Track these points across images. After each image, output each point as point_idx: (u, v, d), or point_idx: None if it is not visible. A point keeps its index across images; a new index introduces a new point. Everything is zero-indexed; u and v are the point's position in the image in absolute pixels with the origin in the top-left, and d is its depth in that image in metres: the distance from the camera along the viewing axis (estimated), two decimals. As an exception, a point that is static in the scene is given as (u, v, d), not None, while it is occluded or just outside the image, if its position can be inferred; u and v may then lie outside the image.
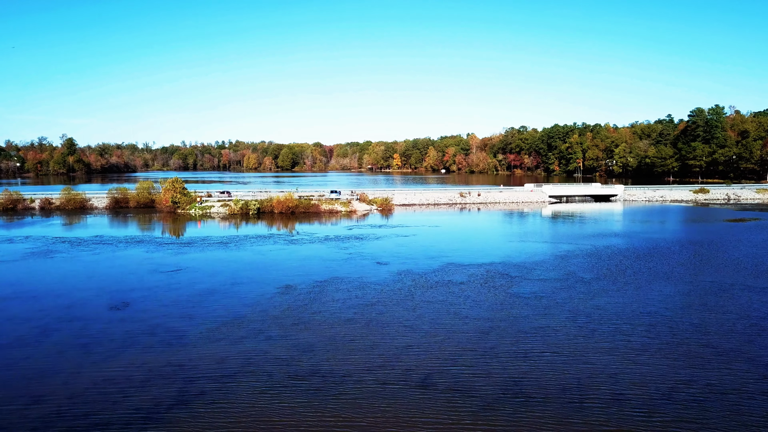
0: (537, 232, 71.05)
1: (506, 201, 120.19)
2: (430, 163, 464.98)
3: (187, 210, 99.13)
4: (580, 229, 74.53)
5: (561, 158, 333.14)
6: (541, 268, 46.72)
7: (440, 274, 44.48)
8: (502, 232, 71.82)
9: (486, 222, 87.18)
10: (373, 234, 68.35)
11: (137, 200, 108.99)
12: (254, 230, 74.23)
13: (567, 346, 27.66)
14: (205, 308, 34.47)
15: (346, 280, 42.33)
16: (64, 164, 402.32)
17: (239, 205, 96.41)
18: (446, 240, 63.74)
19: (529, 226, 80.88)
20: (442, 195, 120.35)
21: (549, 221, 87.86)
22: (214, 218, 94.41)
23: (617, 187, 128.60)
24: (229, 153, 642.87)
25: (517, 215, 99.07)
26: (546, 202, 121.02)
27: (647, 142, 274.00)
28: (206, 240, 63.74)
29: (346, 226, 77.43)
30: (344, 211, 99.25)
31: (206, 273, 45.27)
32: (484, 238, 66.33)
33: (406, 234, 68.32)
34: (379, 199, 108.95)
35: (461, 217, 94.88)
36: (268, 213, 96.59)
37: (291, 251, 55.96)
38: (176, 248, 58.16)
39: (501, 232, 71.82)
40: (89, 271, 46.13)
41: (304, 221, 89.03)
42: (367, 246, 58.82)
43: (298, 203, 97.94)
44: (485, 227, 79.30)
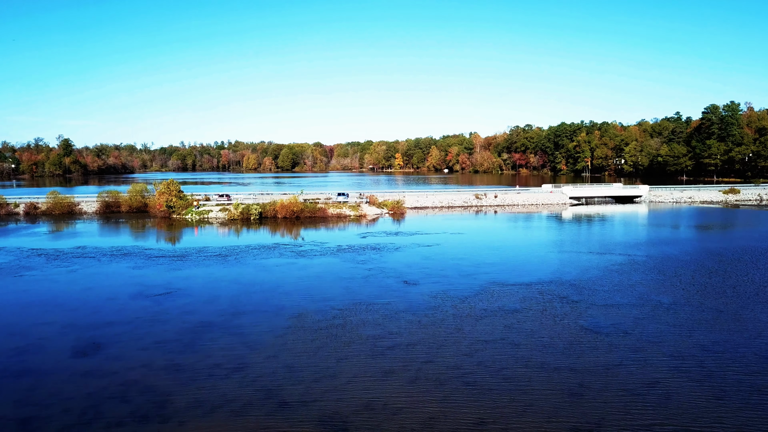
0: (574, 240, 63.23)
1: (525, 203, 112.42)
2: (433, 163, 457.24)
3: (183, 215, 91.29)
4: (620, 236, 66.72)
5: (568, 157, 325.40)
6: (603, 289, 38.89)
7: (485, 298, 36.65)
8: (535, 240, 63.99)
9: (511, 227, 79.34)
10: (390, 243, 60.52)
11: (130, 204, 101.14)
12: (257, 238, 66.43)
13: (693, 414, 19.87)
14: (197, 353, 26.66)
15: (371, 307, 34.51)
16: (60, 165, 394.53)
17: (239, 209, 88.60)
18: (476, 250, 55.92)
19: (561, 232, 73.04)
20: (456, 197, 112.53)
21: (579, 226, 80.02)
22: (212, 224, 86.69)
23: (642, 188, 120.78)
24: (228, 153, 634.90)
25: (541, 219, 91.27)
26: (567, 204, 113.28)
27: (659, 140, 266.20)
28: (203, 252, 55.91)
29: (359, 233, 69.60)
30: (353, 216, 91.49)
31: (201, 297, 37.43)
32: (517, 247, 58.51)
33: (428, 243, 60.49)
34: (390, 202, 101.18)
35: (481, 222, 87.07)
36: (271, 218, 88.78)
37: (300, 266, 48.13)
38: (168, 263, 50.32)
39: (534, 240, 64.00)
40: (60, 297, 38.26)
41: (310, 227, 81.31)
42: (387, 259, 50.99)
43: (303, 207, 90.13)
44: (513, 234, 71.46)
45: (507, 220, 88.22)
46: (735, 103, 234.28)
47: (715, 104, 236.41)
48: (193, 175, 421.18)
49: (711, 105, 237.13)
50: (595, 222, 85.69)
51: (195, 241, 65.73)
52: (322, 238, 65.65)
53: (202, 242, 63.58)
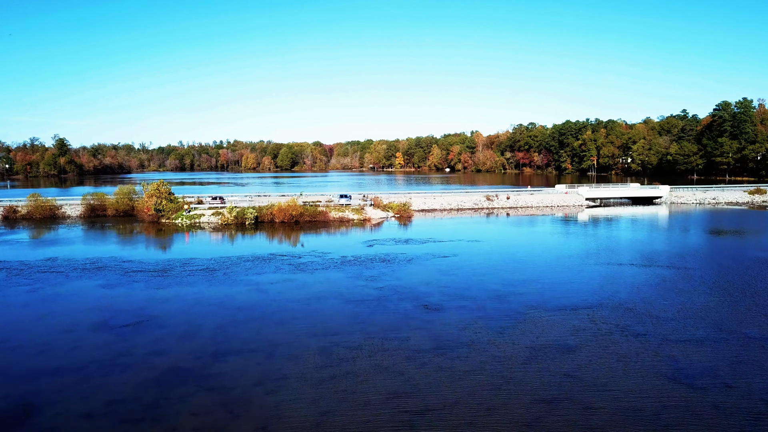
0: (607, 248, 56.19)
1: (539, 205, 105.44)
2: (434, 162, 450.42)
3: (173, 219, 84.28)
4: (657, 243, 59.77)
5: (574, 156, 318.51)
6: (668, 316, 31.93)
7: (527, 329, 29.69)
8: (563, 249, 56.97)
9: (531, 233, 72.31)
10: (400, 253, 53.54)
11: (116, 208, 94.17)
12: (251, 247, 59.46)
13: None
14: (159, 423, 19.68)
15: (387, 344, 27.57)
16: (55, 166, 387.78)
17: (234, 213, 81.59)
18: (500, 262, 48.95)
19: (588, 238, 66.03)
20: (465, 198, 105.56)
21: (605, 231, 73.01)
22: (204, 229, 79.79)
23: (662, 189, 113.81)
24: (227, 153, 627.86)
25: (559, 222, 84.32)
26: (583, 206, 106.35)
27: (667, 139, 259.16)
28: (188, 264, 48.92)
29: (364, 241, 62.62)
30: (357, 220, 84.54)
31: (177, 329, 30.47)
32: (546, 258, 51.51)
33: (443, 253, 53.52)
34: (396, 205, 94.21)
35: (496, 226, 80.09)
36: (268, 222, 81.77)
37: (299, 284, 41.15)
38: (146, 279, 43.34)
39: (561, 249, 56.98)
40: (4, 329, 31.26)
41: (310, 232, 74.44)
42: (399, 274, 44.02)
43: (302, 211, 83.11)
44: (535, 241, 64.43)
45: (523, 225, 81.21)
46: (748, 99, 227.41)
47: (726, 101, 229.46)
48: (191, 175, 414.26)
49: (722, 102, 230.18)
50: (620, 226, 78.69)
51: (182, 250, 58.72)
52: (323, 246, 58.67)
53: (189, 252, 56.56)
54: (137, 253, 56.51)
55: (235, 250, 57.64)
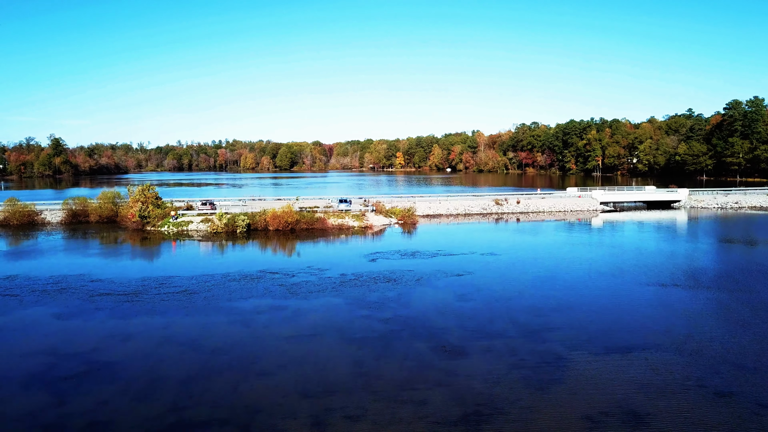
0: (642, 263, 49.72)
1: (551, 210, 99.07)
2: (435, 162, 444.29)
3: (159, 227, 77.88)
4: (697, 258, 53.35)
5: (578, 156, 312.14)
6: (747, 363, 25.60)
7: (577, 387, 23.31)
8: (591, 264, 50.51)
9: (549, 243, 65.85)
10: (407, 270, 47.20)
11: (99, 213, 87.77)
12: (239, 261, 53.11)
13: None
14: None
15: (399, 410, 21.20)
16: (50, 166, 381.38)
17: (224, 220, 75.19)
18: (524, 283, 42.53)
19: (614, 249, 59.56)
20: (473, 203, 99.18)
21: (632, 240, 66.58)
22: (192, 237, 73.56)
23: (680, 192, 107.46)
24: (225, 153, 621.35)
25: (576, 229, 77.98)
26: (597, 211, 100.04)
27: (675, 138, 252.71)
28: (165, 285, 42.56)
29: (366, 254, 56.21)
30: (357, 227, 78.19)
31: (132, 386, 24.06)
32: (575, 276, 45.13)
33: (456, 269, 47.16)
34: (399, 210, 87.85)
35: (509, 234, 73.71)
36: (261, 230, 75.45)
37: (290, 314, 34.76)
38: (112, 306, 36.98)
39: (589, 264, 50.52)
40: None
41: (307, 240, 68.32)
42: (408, 300, 37.65)
43: (298, 217, 76.70)
44: (557, 253, 57.91)
45: (539, 232, 74.80)
46: (759, 98, 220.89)
47: (737, 100, 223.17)
48: (189, 176, 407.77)
49: (733, 101, 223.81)
50: (645, 234, 72.32)
51: (162, 266, 52.31)
52: (320, 260, 52.30)
53: (169, 268, 50.16)
54: (111, 269, 50.07)
55: (221, 265, 51.23)
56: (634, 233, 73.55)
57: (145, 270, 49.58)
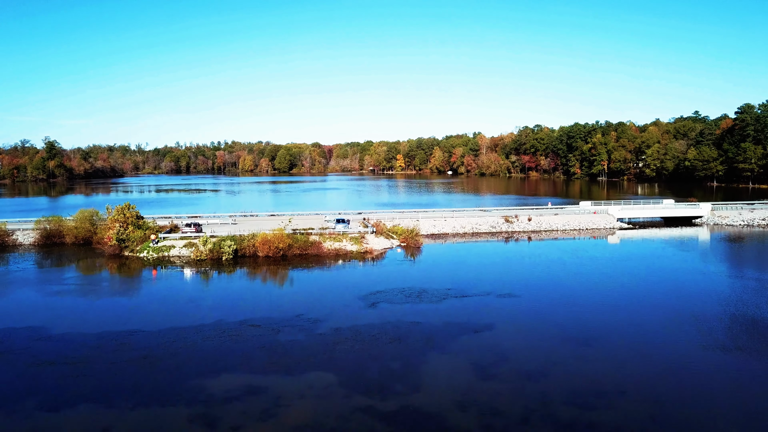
0: (688, 312, 42.52)
1: (565, 228, 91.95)
2: (436, 165, 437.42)
3: (137, 252, 70.73)
4: (762, 300, 46.27)
5: (583, 160, 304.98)
6: None
7: None
8: (627, 312, 43.40)
9: (571, 275, 58.65)
10: (413, 322, 40.13)
11: (75, 234, 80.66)
12: (219, 304, 46.07)
13: None
14: None
15: None
16: (44, 170, 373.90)
17: (208, 245, 68.05)
18: (557, 346, 35.39)
19: (649, 287, 52.41)
20: (481, 221, 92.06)
21: (664, 271, 59.47)
22: (175, 263, 66.69)
23: (703, 207, 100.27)
24: (224, 155, 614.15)
25: (597, 254, 70.76)
26: (614, 228, 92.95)
27: (684, 143, 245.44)
28: (124, 347, 35.47)
29: (365, 293, 49.07)
30: (356, 251, 71.13)
31: None
32: (615, 334, 38.02)
33: (472, 322, 40.04)
34: (401, 229, 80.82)
35: (524, 264, 66.50)
36: (250, 256, 68.36)
37: (268, 403, 27.58)
38: (49, 385, 29.89)
39: (626, 312, 43.41)
40: None
41: (301, 267, 61.91)
42: (418, 376, 30.50)
43: (291, 242, 69.51)
44: (593, 292, 50.69)
45: (555, 260, 67.65)
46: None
47: (749, 103, 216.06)
48: (186, 179, 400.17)
49: (745, 104, 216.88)
50: (675, 261, 65.20)
51: (126, 313, 45.14)
52: (311, 304, 45.22)
53: (134, 317, 43.04)
54: (67, 318, 42.91)
55: (197, 311, 44.07)
56: (663, 261, 66.29)
57: (107, 319, 42.37)
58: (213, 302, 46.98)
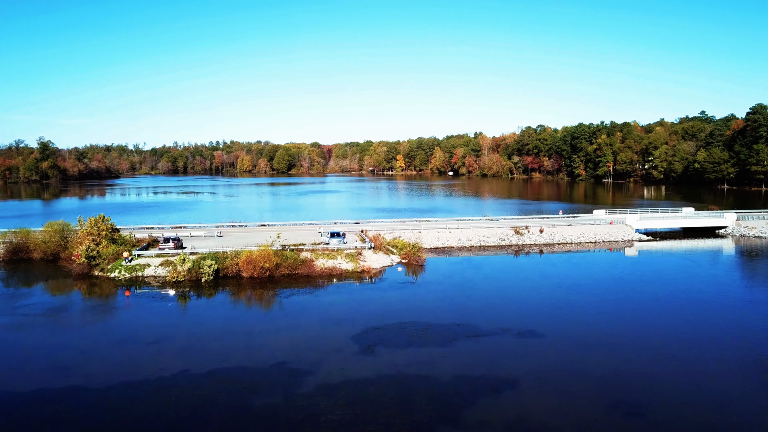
0: (749, 359, 35.47)
1: (579, 240, 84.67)
2: (437, 165, 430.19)
3: (108, 272, 63.46)
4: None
5: (587, 161, 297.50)
6: None
7: None
8: (674, 359, 36.21)
9: (595, 300, 51.42)
10: (418, 376, 32.95)
11: (44, 249, 73.46)
12: (190, 338, 38.95)
13: None
14: None
15: None
16: (37, 171, 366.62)
17: (187, 265, 60.77)
18: (597, 411, 28.24)
19: (710, 315, 45.20)
20: (489, 232, 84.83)
21: (702, 291, 52.27)
22: (150, 284, 59.71)
23: (727, 216, 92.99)
24: (222, 155, 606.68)
25: (618, 271, 63.41)
26: (633, 241, 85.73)
27: (693, 144, 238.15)
28: (65, 401, 28.29)
29: (359, 331, 41.88)
30: (351, 270, 63.92)
31: None
32: (665, 400, 30.86)
33: (491, 378, 32.86)
34: (402, 244, 73.62)
35: (540, 286, 59.11)
36: (233, 277, 61.17)
37: None
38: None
39: (674, 360, 36.20)
40: None
41: (289, 289, 55.31)
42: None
43: (279, 261, 62.22)
44: (616, 328, 43.59)
45: (574, 279, 60.41)
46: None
47: (761, 103, 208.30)
48: (182, 180, 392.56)
49: (757, 105, 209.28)
50: (717, 280, 57.99)
51: (70, 358, 37.90)
52: (294, 348, 38.05)
53: (81, 363, 35.82)
54: (2, 368, 35.66)
55: (158, 357, 36.81)
56: (701, 284, 58.97)
57: (45, 369, 35.07)
58: (180, 344, 39.65)
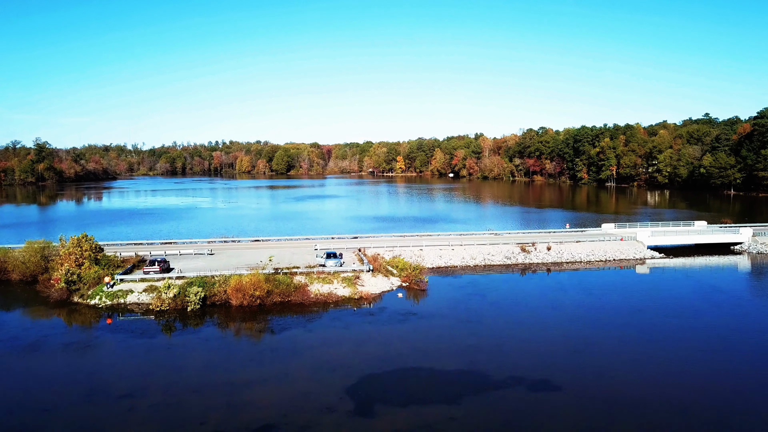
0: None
1: (588, 258, 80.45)
2: (437, 167, 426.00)
3: (88, 298, 59.27)
4: None
5: (590, 165, 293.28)
6: None
7: None
8: (744, 411, 32.08)
9: (612, 331, 47.27)
10: (417, 426, 28.82)
11: (23, 270, 69.27)
12: (163, 390, 34.77)
13: None
14: None
15: None
16: (33, 172, 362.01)
17: (172, 291, 56.62)
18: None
19: (754, 360, 41.10)
20: (494, 249, 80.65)
21: (746, 320, 48.09)
22: (133, 311, 55.78)
23: (742, 232, 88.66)
24: (220, 155, 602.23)
25: (634, 295, 59.14)
26: (645, 258, 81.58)
27: (698, 148, 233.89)
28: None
29: (354, 378, 37.74)
30: (348, 296, 59.81)
31: None
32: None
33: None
34: (402, 263, 69.40)
35: (548, 311, 54.93)
36: (221, 305, 57.00)
37: None
38: None
39: (742, 410, 32.09)
40: None
41: (283, 315, 51.45)
42: None
43: (270, 287, 58.03)
44: (642, 363, 39.45)
45: (589, 312, 56.24)
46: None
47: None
48: (180, 182, 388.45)
49: (765, 108, 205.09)
50: (748, 308, 53.78)
51: (19, 419, 33.76)
52: (282, 401, 33.94)
53: (31, 428, 31.65)
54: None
55: (123, 418, 32.64)
56: (722, 312, 54.72)
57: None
58: (154, 399, 35.37)
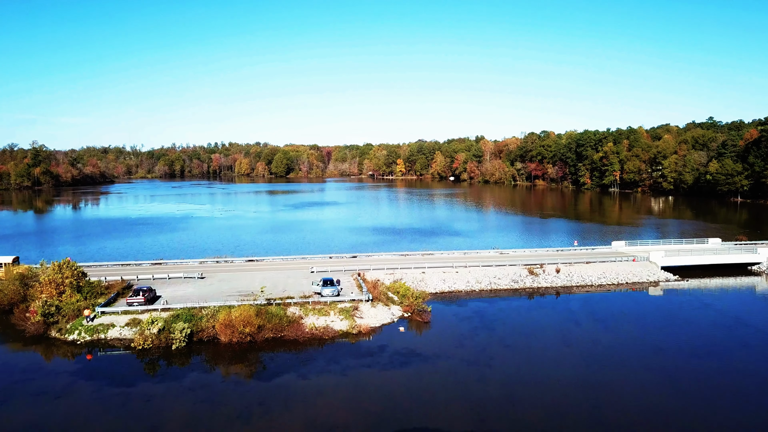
0: None
1: (599, 281, 76.40)
2: (438, 170, 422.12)
3: (66, 334, 55.16)
4: None
5: (593, 169, 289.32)
6: None
7: None
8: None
9: (634, 377, 43.20)
10: None
11: (1, 300, 65.08)
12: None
13: None
14: None
15: None
16: (29, 177, 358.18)
17: (157, 326, 52.55)
18: None
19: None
20: (500, 272, 76.59)
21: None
22: (114, 346, 52.01)
23: (761, 251, 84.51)
24: (219, 158, 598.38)
25: (661, 331, 54.99)
26: (659, 281, 77.54)
27: (705, 154, 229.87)
28: None
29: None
30: (345, 330, 55.73)
31: None
32: None
33: None
34: (403, 289, 65.44)
35: (561, 348, 50.80)
36: (209, 342, 52.95)
37: None
38: None
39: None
40: None
41: (276, 352, 47.43)
42: None
43: (262, 322, 53.92)
44: (676, 423, 35.38)
45: (605, 348, 52.14)
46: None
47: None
48: (178, 186, 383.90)
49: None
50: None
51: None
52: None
53: None
54: None
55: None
56: (751, 351, 50.61)
57: None
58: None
